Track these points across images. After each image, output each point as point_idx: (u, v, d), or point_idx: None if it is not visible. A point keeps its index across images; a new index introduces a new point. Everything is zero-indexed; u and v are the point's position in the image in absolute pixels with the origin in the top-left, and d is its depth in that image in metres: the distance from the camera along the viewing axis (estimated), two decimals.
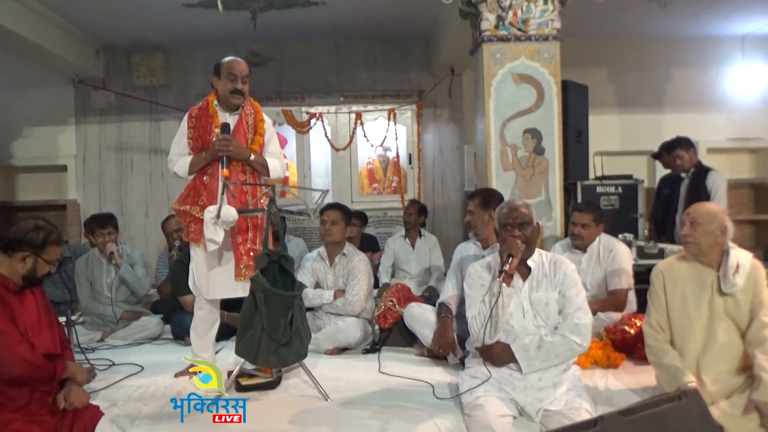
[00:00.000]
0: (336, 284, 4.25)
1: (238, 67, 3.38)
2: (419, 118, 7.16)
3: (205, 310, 3.47)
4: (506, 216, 2.91)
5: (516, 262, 2.80)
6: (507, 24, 4.73)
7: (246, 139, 3.38)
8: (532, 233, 2.90)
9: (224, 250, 3.35)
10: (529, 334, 2.83)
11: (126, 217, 7.17)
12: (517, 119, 4.77)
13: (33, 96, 7.17)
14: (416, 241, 5.80)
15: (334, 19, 6.50)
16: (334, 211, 4.24)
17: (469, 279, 3.05)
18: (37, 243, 2.66)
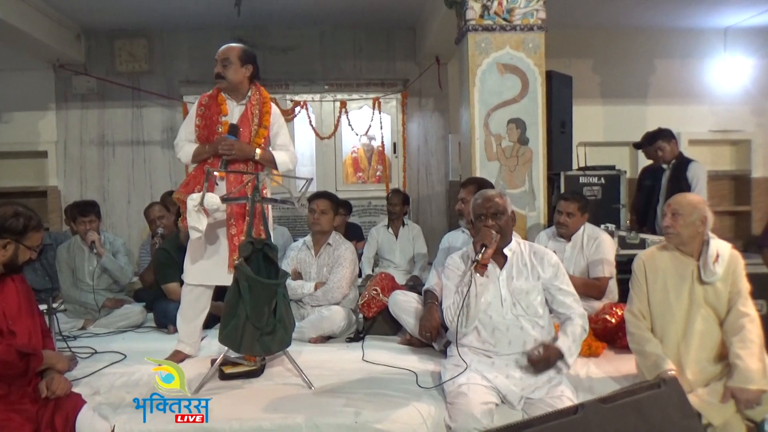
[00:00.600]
0: (319, 274, 4.22)
1: (219, 52, 3.38)
2: (404, 107, 7.16)
3: (193, 296, 3.46)
4: (480, 206, 2.92)
5: (490, 252, 2.82)
6: (492, 14, 4.72)
7: (250, 131, 3.36)
8: (507, 222, 2.91)
9: (214, 238, 3.35)
10: (507, 323, 2.85)
11: (108, 204, 7.10)
12: (501, 109, 4.78)
13: (12, 81, 7.06)
14: (399, 230, 5.81)
15: (320, 7, 6.46)
16: (323, 200, 4.23)
17: (447, 270, 3.07)
18: (18, 229, 2.62)
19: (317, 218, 4.19)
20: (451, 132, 7.31)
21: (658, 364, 2.77)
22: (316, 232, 4.26)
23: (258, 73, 3.47)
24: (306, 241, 4.36)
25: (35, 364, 2.60)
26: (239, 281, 2.96)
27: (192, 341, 3.51)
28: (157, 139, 7.23)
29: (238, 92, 3.41)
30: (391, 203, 5.86)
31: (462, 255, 3.08)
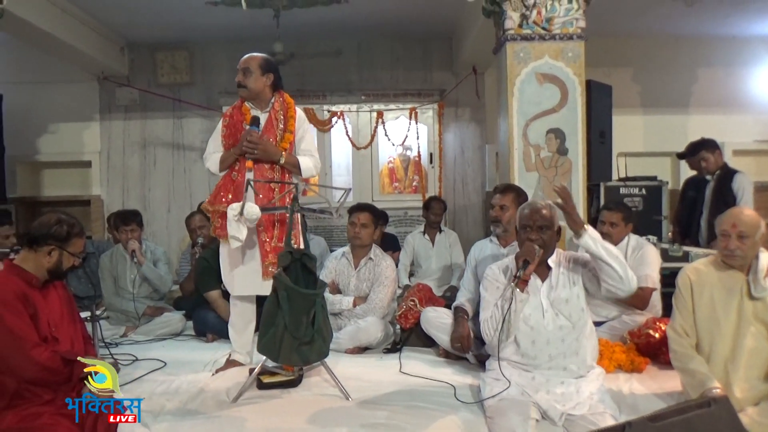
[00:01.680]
0: (358, 289, 4.19)
1: (240, 62, 3.41)
2: (440, 117, 7.13)
3: (239, 307, 3.49)
4: (527, 217, 2.87)
5: (532, 268, 2.78)
6: (531, 23, 4.68)
7: (275, 136, 3.38)
8: (552, 237, 2.86)
9: (247, 247, 3.36)
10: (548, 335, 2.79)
11: (149, 213, 7.23)
12: (540, 119, 4.73)
13: (59, 92, 7.26)
14: (436, 236, 5.76)
15: (357, 18, 6.50)
16: (364, 213, 4.20)
17: (486, 281, 3.03)
18: (62, 236, 2.67)
19: (358, 232, 4.17)
20: (488, 142, 7.26)
21: (702, 382, 2.67)
22: (356, 246, 4.24)
23: (280, 82, 3.49)
24: (345, 252, 4.33)
25: (78, 371, 2.63)
26: (278, 291, 2.97)
27: (246, 350, 3.54)
28: (197, 148, 7.34)
29: (261, 100, 3.44)
30: (434, 212, 5.79)
31: (502, 267, 3.03)
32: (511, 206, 3.61)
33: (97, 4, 5.99)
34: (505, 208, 3.63)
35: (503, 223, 3.63)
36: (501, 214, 3.65)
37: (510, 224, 3.60)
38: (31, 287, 2.62)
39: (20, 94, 6.92)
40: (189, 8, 6.11)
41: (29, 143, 7.24)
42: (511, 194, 3.67)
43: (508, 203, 3.63)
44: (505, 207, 3.63)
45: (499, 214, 3.66)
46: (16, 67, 6.81)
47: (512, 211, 3.58)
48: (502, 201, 3.66)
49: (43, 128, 7.30)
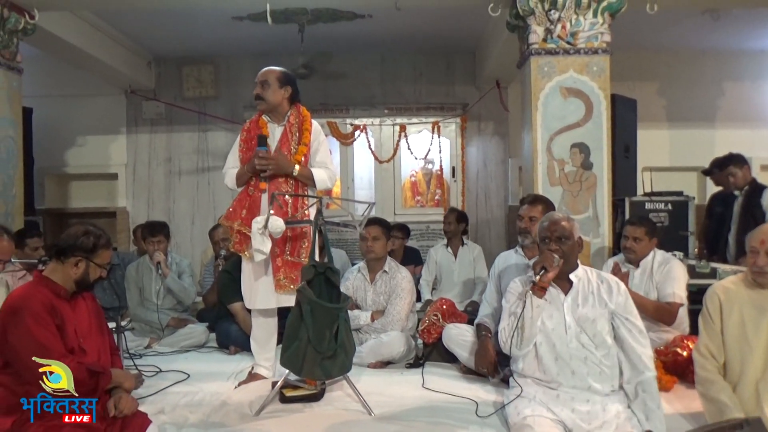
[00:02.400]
0: (375, 303, 4.19)
1: (258, 75, 3.43)
2: (463, 131, 7.12)
3: (261, 321, 3.50)
4: (546, 229, 2.86)
5: (550, 276, 2.76)
6: (555, 37, 4.68)
7: (290, 149, 3.41)
8: (572, 248, 2.84)
9: (267, 262, 3.37)
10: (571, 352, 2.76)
11: (173, 225, 7.28)
12: (564, 133, 4.71)
13: (87, 106, 7.40)
14: (459, 250, 5.73)
15: (380, 32, 6.54)
16: (374, 226, 4.20)
17: (508, 294, 3.02)
18: (88, 247, 2.70)
19: (370, 245, 4.16)
20: (511, 156, 7.24)
21: (722, 411, 2.60)
22: (370, 260, 4.24)
23: (297, 95, 3.50)
24: (361, 267, 4.33)
25: (104, 383, 2.65)
26: (301, 304, 2.97)
27: (269, 364, 3.54)
28: (221, 162, 7.36)
29: (278, 113, 3.46)
30: (447, 222, 5.75)
31: (524, 280, 3.01)
32: (540, 217, 3.57)
33: (125, 19, 6.10)
34: (534, 219, 3.58)
35: (532, 234, 3.58)
36: (530, 225, 3.60)
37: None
38: (60, 298, 2.65)
39: (49, 107, 7.05)
40: (215, 23, 6.20)
41: (57, 156, 7.38)
42: (540, 205, 3.64)
43: (537, 214, 3.59)
44: (535, 218, 3.59)
45: (528, 225, 3.62)
46: (45, 82, 6.94)
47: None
48: (532, 212, 3.62)
49: (71, 141, 7.44)
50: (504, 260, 3.77)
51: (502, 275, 3.67)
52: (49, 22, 5.13)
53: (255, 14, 5.85)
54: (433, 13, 5.94)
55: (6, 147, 4.83)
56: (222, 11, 5.81)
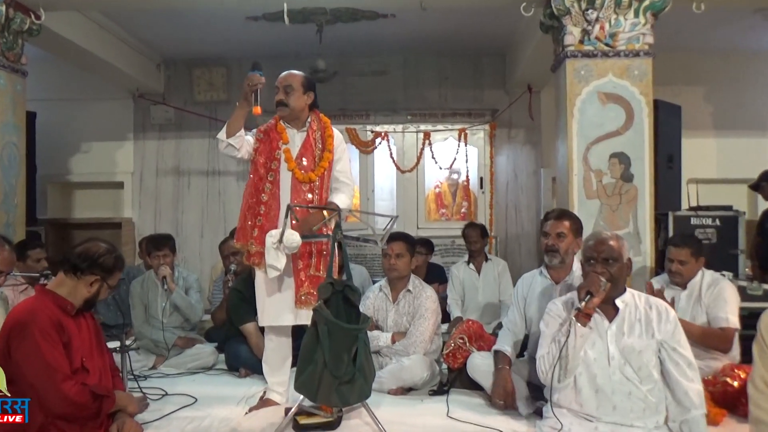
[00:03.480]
0: (397, 324, 4.16)
1: (280, 78, 3.46)
2: (492, 139, 7.12)
3: (275, 342, 3.50)
4: (591, 249, 2.83)
5: (596, 301, 2.72)
6: (593, 38, 4.65)
7: (314, 156, 3.43)
8: (620, 270, 2.80)
9: (285, 275, 3.37)
10: (613, 385, 2.71)
11: (181, 237, 7.35)
12: (602, 142, 4.67)
13: (93, 110, 7.50)
14: (482, 266, 5.70)
15: (403, 33, 6.56)
16: (398, 242, 4.18)
17: (547, 316, 2.98)
18: (108, 267, 2.74)
19: (393, 263, 4.15)
20: (544, 166, 7.20)
21: None
22: (393, 278, 4.22)
23: (317, 101, 3.53)
24: (382, 286, 4.31)
25: (107, 406, 2.67)
26: (317, 325, 2.96)
27: (282, 389, 3.53)
28: (232, 171, 7.47)
29: (299, 120, 3.48)
30: (471, 240, 5.74)
31: (566, 301, 2.98)
32: (568, 234, 3.52)
33: (134, 19, 6.19)
34: (562, 236, 3.51)
35: (561, 252, 3.50)
36: (558, 242, 3.50)
37: (568, 255, 3.52)
38: (65, 314, 2.68)
39: (53, 112, 7.16)
40: (228, 23, 6.26)
41: (61, 163, 7.49)
42: (567, 220, 3.56)
43: (565, 230, 3.51)
44: (562, 234, 3.51)
45: (556, 242, 3.50)
46: (49, 85, 7.06)
47: (570, 239, 3.50)
48: (558, 227, 3.52)
49: (76, 147, 7.54)
50: (528, 283, 3.70)
51: (528, 300, 3.62)
52: (55, 22, 5.22)
53: (271, 14, 5.89)
54: (460, 13, 5.95)
55: (8, 153, 4.90)
56: (236, 11, 5.87)
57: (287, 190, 3.38)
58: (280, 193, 3.38)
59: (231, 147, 3.37)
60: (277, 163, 3.40)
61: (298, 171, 3.39)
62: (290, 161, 3.39)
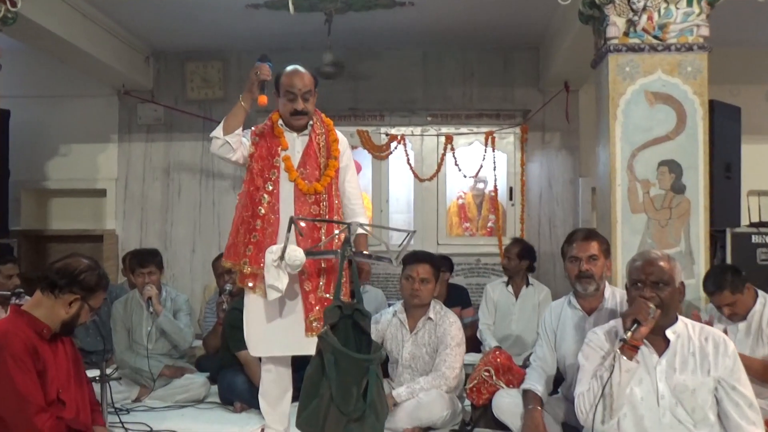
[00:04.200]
0: (415, 357, 4.15)
1: (298, 82, 3.40)
2: (523, 143, 7.09)
3: (274, 373, 3.49)
4: (639, 270, 2.81)
5: (644, 331, 2.71)
6: (640, 30, 4.65)
7: (318, 164, 3.44)
8: (672, 296, 2.78)
9: (287, 298, 3.37)
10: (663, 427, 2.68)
11: (170, 252, 7.38)
12: (650, 148, 4.66)
13: (73, 109, 7.55)
14: (521, 290, 5.66)
15: (424, 23, 6.57)
16: (424, 265, 4.13)
17: (587, 348, 2.97)
18: (90, 285, 2.75)
19: (417, 289, 4.11)
20: (583, 175, 7.17)
21: None
22: (415, 306, 4.18)
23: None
24: (397, 311, 4.28)
25: None
26: (323, 354, 2.95)
27: (282, 426, 3.53)
28: (228, 177, 7.50)
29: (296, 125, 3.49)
30: (507, 256, 5.73)
31: (608, 331, 2.95)
32: (600, 256, 3.50)
33: (121, 7, 6.23)
34: (595, 259, 3.48)
35: (596, 278, 3.47)
36: (593, 266, 3.47)
37: (602, 280, 3.51)
38: (41, 339, 2.69)
39: (29, 110, 7.20)
40: (226, 12, 6.30)
41: (36, 168, 7.53)
42: (595, 241, 3.54)
43: (597, 252, 3.49)
44: (595, 257, 3.48)
45: (590, 266, 3.46)
46: (25, 80, 7.09)
47: (602, 262, 3.49)
48: (590, 249, 3.48)
49: (53, 150, 7.58)
50: (557, 315, 3.68)
51: (560, 335, 3.61)
52: (32, 9, 5.23)
53: (274, 1, 5.94)
54: (488, 1, 5.96)
55: None
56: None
57: (289, 202, 3.39)
58: (280, 205, 3.40)
59: (227, 146, 3.37)
60: (276, 172, 3.41)
61: (302, 181, 3.39)
62: (291, 171, 3.40)
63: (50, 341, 2.74)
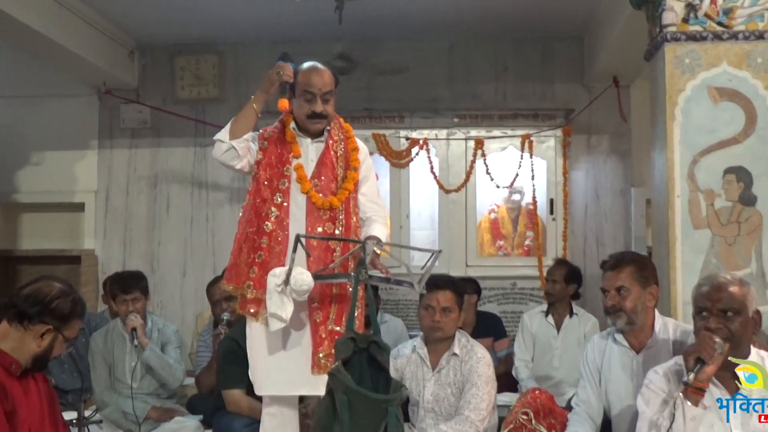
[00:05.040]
0: (438, 398, 4.12)
1: (318, 81, 3.41)
2: (566, 148, 7.09)
3: (279, 418, 3.49)
4: (705, 297, 2.79)
5: (710, 371, 2.70)
6: (701, 16, 4.64)
7: (335, 175, 3.46)
8: (743, 327, 2.76)
9: (293, 328, 3.37)
10: None
11: (157, 276, 7.41)
12: (714, 153, 4.65)
13: (46, 110, 7.62)
14: (564, 320, 5.63)
15: (449, 10, 6.60)
16: (445, 292, 4.10)
17: (646, 392, 2.96)
18: (63, 314, 2.76)
19: (438, 320, 4.08)
20: (635, 185, 7.14)
21: None
22: (436, 339, 4.17)
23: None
24: (417, 346, 4.26)
25: None
26: (334, 394, 2.95)
27: None
28: (224, 188, 7.52)
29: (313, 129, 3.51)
30: (551, 279, 5.70)
31: (669, 370, 2.93)
32: (632, 285, 3.47)
33: None
34: (625, 290, 3.46)
35: (627, 311, 3.46)
36: (620, 300, 3.46)
37: (639, 313, 3.47)
38: (10, 376, 2.70)
39: None
40: None
41: (5, 178, 7.59)
42: (628, 268, 3.51)
43: (627, 282, 3.47)
44: (624, 288, 3.46)
45: (617, 300, 3.47)
46: None
47: (637, 292, 3.46)
48: (617, 280, 3.48)
49: (24, 158, 7.64)
50: (600, 350, 3.66)
51: (605, 374, 3.58)
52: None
53: None
54: None
55: None
56: None
57: (300, 217, 3.40)
58: (290, 221, 3.41)
59: (232, 152, 3.39)
60: (286, 182, 3.42)
61: (315, 194, 3.40)
62: (304, 181, 3.41)
63: (20, 378, 2.75)
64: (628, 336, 3.52)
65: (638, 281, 3.46)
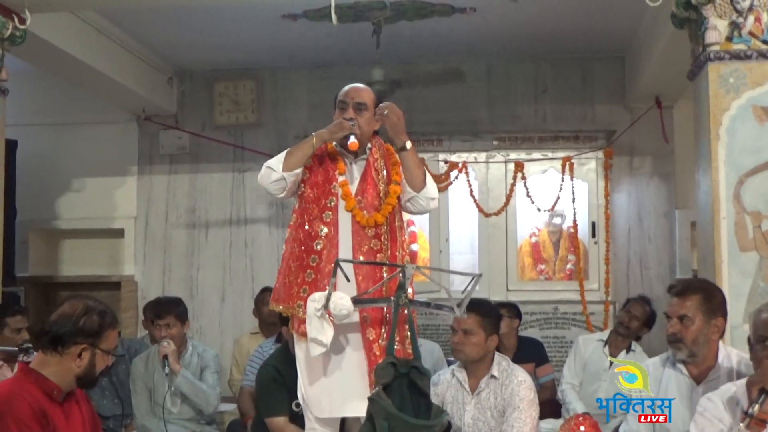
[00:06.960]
0: (477, 422, 4.08)
1: (352, 92, 3.54)
2: (608, 170, 7.03)
3: None
4: (766, 325, 2.75)
5: None
6: (746, 34, 4.60)
7: (377, 191, 3.50)
8: None
9: (347, 347, 3.40)
10: None
11: (197, 300, 7.46)
12: (761, 174, 4.58)
13: (86, 137, 7.73)
14: (620, 355, 5.55)
15: (487, 32, 6.61)
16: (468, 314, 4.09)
17: (700, 419, 2.92)
18: (93, 329, 2.78)
19: (458, 342, 4.05)
20: (679, 207, 7.08)
21: None
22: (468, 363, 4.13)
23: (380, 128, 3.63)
24: (455, 370, 4.24)
25: None
26: (375, 419, 2.96)
27: None
28: (263, 214, 7.57)
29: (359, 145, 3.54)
30: (630, 315, 5.62)
31: (729, 399, 2.89)
32: (696, 315, 3.40)
33: (141, 22, 6.37)
34: (687, 320, 3.40)
35: (687, 343, 3.40)
36: (682, 329, 3.40)
37: (701, 345, 3.41)
38: (52, 401, 2.73)
39: (38, 140, 7.40)
40: (259, 24, 6.40)
41: (46, 205, 7.70)
42: (694, 296, 3.45)
43: (692, 312, 3.40)
44: (687, 318, 3.40)
45: (679, 329, 3.41)
46: (34, 107, 7.30)
47: (700, 323, 3.39)
48: (681, 308, 3.42)
49: (65, 185, 7.74)
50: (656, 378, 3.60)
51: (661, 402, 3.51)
52: (43, 27, 5.36)
53: (314, 10, 5.99)
54: (563, 4, 5.97)
55: None
56: (269, 7, 5.99)
57: (347, 236, 3.43)
58: (339, 238, 3.44)
59: (281, 183, 3.47)
60: (334, 200, 3.47)
61: (360, 212, 3.43)
62: (349, 199, 3.44)
63: (63, 403, 2.78)
64: (689, 365, 3.47)
65: (703, 312, 3.39)
